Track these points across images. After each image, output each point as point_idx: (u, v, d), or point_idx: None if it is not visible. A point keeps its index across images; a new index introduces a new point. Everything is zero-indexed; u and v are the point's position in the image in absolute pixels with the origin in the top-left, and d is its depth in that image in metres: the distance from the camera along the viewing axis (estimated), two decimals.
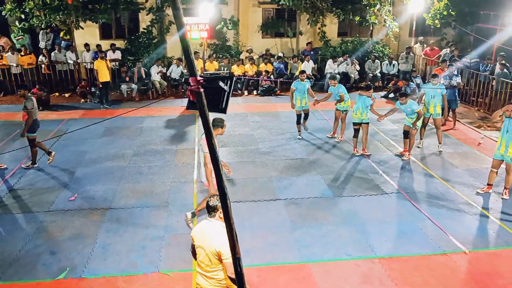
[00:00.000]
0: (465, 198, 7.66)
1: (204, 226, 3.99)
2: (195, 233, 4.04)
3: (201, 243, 3.92)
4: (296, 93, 10.37)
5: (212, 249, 3.80)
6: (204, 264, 3.92)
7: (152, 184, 8.25)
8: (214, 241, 3.79)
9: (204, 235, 3.92)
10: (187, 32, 2.59)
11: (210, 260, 3.87)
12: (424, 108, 9.78)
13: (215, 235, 3.81)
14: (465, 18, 16.40)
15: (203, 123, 2.62)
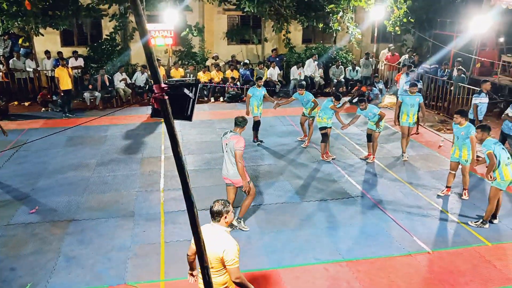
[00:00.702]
0: (428, 199, 7.89)
1: (207, 230, 3.94)
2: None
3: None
4: (253, 99, 10.40)
5: (215, 253, 3.77)
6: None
7: (118, 194, 8.08)
8: (218, 246, 3.77)
9: (207, 240, 3.86)
10: (150, 39, 2.56)
11: (211, 263, 3.82)
12: (403, 117, 9.58)
13: (219, 240, 3.81)
14: (423, 25, 17.02)
15: (168, 131, 2.59)
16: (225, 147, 6.48)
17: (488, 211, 6.85)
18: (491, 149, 6.54)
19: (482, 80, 10.06)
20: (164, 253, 6.19)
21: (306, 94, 10.40)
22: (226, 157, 6.48)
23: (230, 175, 6.48)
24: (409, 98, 9.48)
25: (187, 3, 16.02)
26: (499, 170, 6.56)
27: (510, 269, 5.86)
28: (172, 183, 8.43)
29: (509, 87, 12.77)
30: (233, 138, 6.33)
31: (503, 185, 6.65)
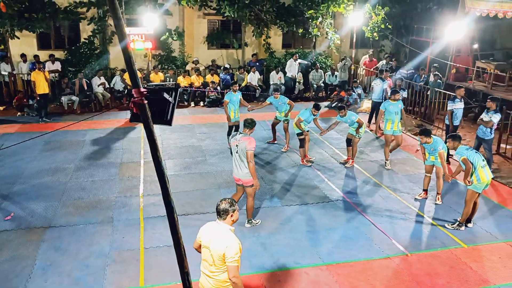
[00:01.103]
0: (406, 203, 8.02)
1: (212, 227, 4.03)
2: (203, 232, 4.07)
3: (207, 244, 3.95)
4: (230, 105, 10.38)
5: (217, 250, 3.84)
6: (208, 264, 3.96)
7: (96, 199, 7.96)
8: (221, 243, 3.83)
9: (211, 236, 3.94)
10: (129, 43, 2.55)
11: (214, 261, 3.90)
12: (388, 125, 9.58)
13: (222, 237, 3.87)
14: (400, 31, 17.35)
15: (148, 136, 2.57)
16: (235, 148, 6.67)
17: (464, 214, 6.99)
18: (464, 155, 6.71)
19: (456, 86, 10.28)
20: (143, 259, 6.11)
21: (281, 98, 10.50)
22: (237, 158, 6.66)
23: (241, 175, 6.67)
24: (392, 106, 9.53)
25: (167, 7, 15.96)
26: (475, 173, 6.72)
27: (485, 271, 5.99)
28: (151, 188, 8.35)
29: (483, 92, 13.09)
30: (245, 139, 6.58)
31: (479, 188, 6.80)
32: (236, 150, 6.67)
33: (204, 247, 3.98)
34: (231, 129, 10.63)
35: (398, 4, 16.98)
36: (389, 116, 9.58)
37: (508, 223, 7.34)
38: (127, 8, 14.97)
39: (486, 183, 6.80)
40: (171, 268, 5.59)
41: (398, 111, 9.56)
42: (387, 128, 9.64)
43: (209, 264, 3.94)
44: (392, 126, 9.58)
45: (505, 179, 9.11)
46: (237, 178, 6.81)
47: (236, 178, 6.84)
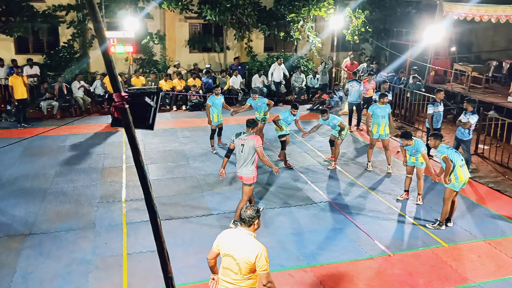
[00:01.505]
0: (388, 204, 8.12)
1: (235, 234, 3.96)
2: (223, 241, 3.98)
3: (231, 252, 3.86)
4: (213, 108, 10.41)
5: (245, 258, 3.78)
6: (232, 272, 3.87)
7: (77, 205, 7.85)
8: (250, 251, 3.78)
9: (236, 244, 3.87)
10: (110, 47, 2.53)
11: (240, 269, 3.82)
12: (374, 128, 9.54)
13: (250, 245, 3.82)
14: (380, 34, 17.59)
15: (129, 140, 2.56)
16: (241, 147, 6.79)
17: (443, 213, 7.13)
18: (445, 153, 6.85)
19: (436, 90, 10.43)
20: (126, 265, 6.05)
21: (260, 99, 10.60)
22: (242, 158, 6.79)
23: (244, 173, 6.82)
24: (379, 110, 9.44)
25: (148, 10, 15.87)
26: (454, 172, 6.86)
27: (465, 269, 6.11)
28: (134, 193, 8.28)
29: (461, 94, 13.37)
30: (252, 138, 6.76)
31: (457, 186, 6.94)
32: (241, 150, 6.78)
33: (227, 256, 3.88)
34: (213, 132, 10.66)
35: (378, 8, 17.23)
36: (375, 120, 9.49)
37: (487, 222, 7.50)
38: (107, 12, 14.83)
39: (464, 181, 6.95)
40: (155, 273, 5.54)
41: (385, 115, 9.45)
42: (373, 132, 9.56)
43: (234, 273, 3.85)
44: (378, 130, 9.49)
45: (483, 179, 9.31)
46: (240, 176, 6.93)
47: (240, 176, 6.96)
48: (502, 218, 7.63)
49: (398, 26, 17.34)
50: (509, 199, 8.37)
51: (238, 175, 6.99)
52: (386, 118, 9.48)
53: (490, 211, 7.91)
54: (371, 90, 13.11)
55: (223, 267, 3.95)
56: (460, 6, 12.77)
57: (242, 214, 3.94)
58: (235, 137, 6.99)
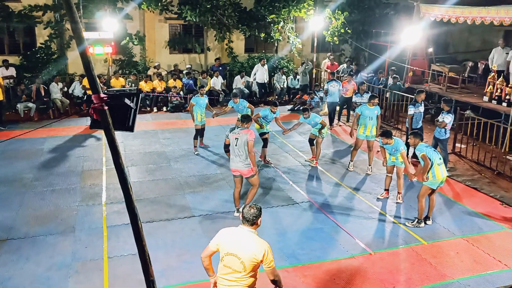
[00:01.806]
0: (368, 203, 8.22)
1: (237, 233, 3.97)
2: (224, 240, 3.97)
3: (234, 251, 3.87)
4: (196, 107, 10.41)
5: (251, 256, 3.82)
6: (235, 271, 3.88)
7: (57, 209, 7.71)
8: (256, 249, 3.83)
9: (239, 243, 3.89)
10: (88, 48, 2.51)
11: (245, 267, 3.85)
12: (361, 129, 9.54)
13: (255, 243, 3.88)
14: (360, 35, 17.80)
15: (109, 143, 2.53)
16: (235, 141, 7.05)
17: (420, 210, 7.25)
18: (424, 151, 6.99)
19: (418, 91, 10.57)
20: (107, 269, 5.97)
21: (241, 102, 10.59)
22: (236, 151, 7.05)
23: (240, 166, 7.08)
24: (368, 111, 9.41)
25: (127, 11, 15.71)
26: (431, 170, 7.00)
27: (444, 266, 6.23)
28: (115, 196, 8.18)
29: (439, 95, 13.62)
30: (245, 132, 7.06)
31: (434, 184, 7.07)
32: (235, 143, 7.03)
33: (230, 255, 3.88)
34: (198, 132, 10.60)
35: (357, 10, 17.42)
36: (363, 121, 9.47)
37: (464, 219, 7.67)
38: (85, 12, 14.63)
39: (441, 180, 7.09)
40: (136, 276, 5.49)
41: (373, 117, 9.43)
42: (359, 132, 9.56)
43: (237, 271, 3.87)
44: (365, 131, 9.49)
45: (460, 177, 9.51)
46: (235, 169, 7.16)
47: (234, 170, 7.19)
48: (478, 215, 7.80)
49: (376, 27, 17.57)
50: (485, 197, 8.57)
51: (236, 170, 7.19)
52: (374, 120, 9.47)
53: (467, 208, 8.08)
54: (350, 91, 13.29)
55: (224, 265, 3.95)
56: (436, 7, 13.01)
57: (245, 213, 3.95)
58: (229, 132, 7.26)
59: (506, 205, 8.17)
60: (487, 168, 9.92)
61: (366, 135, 9.55)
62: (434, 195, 7.31)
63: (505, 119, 10.77)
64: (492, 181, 9.30)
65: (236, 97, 10.71)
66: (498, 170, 9.68)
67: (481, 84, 14.15)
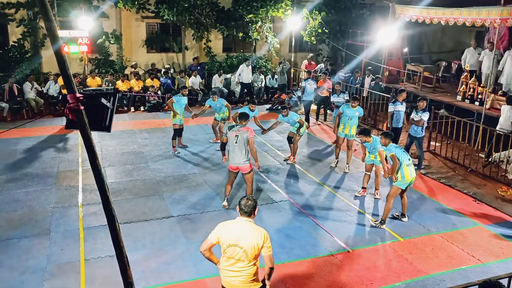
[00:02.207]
0: (346, 201, 8.32)
1: (236, 225, 4.14)
2: (225, 232, 4.10)
3: (237, 242, 4.03)
4: (176, 105, 10.30)
5: (253, 244, 4.01)
6: (239, 261, 4.04)
7: (31, 211, 7.54)
8: (256, 237, 4.03)
9: (240, 234, 4.06)
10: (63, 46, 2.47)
11: (247, 256, 4.02)
12: (340, 127, 9.72)
13: (254, 231, 4.08)
14: (337, 35, 17.98)
15: (85, 143, 2.50)
16: (235, 138, 7.24)
17: (386, 210, 7.27)
18: (393, 151, 7.08)
19: (399, 90, 10.74)
20: (84, 271, 5.88)
21: (219, 100, 10.64)
22: (237, 148, 7.24)
23: (241, 163, 7.29)
24: (349, 111, 9.57)
25: (103, 9, 15.47)
26: (400, 171, 7.06)
27: (419, 261, 6.36)
28: (91, 197, 8.05)
29: (414, 94, 13.88)
30: (245, 129, 7.30)
31: (403, 185, 7.15)
32: (235, 141, 7.21)
33: (232, 246, 4.04)
34: (176, 132, 10.55)
35: (334, 10, 17.59)
36: (343, 119, 9.64)
37: (439, 215, 7.84)
38: (60, 10, 14.36)
39: (410, 180, 7.13)
40: (114, 279, 5.41)
41: (352, 117, 9.58)
42: (340, 131, 9.74)
43: (240, 261, 4.04)
44: (344, 129, 9.67)
45: (435, 175, 9.72)
46: (235, 166, 7.35)
47: (234, 167, 7.38)
48: (453, 212, 7.99)
49: (353, 28, 17.78)
50: (459, 193, 8.78)
51: (234, 167, 7.37)
52: (354, 120, 9.62)
53: (442, 205, 8.26)
54: (326, 90, 13.46)
55: (227, 257, 4.09)
56: (411, 8, 13.25)
57: (243, 205, 4.13)
58: (228, 129, 7.40)
59: (479, 202, 8.39)
60: (460, 165, 10.17)
61: (345, 133, 9.72)
62: (405, 193, 7.38)
63: (478, 118, 11.06)
64: (465, 178, 9.54)
65: (214, 95, 10.70)
66: (470, 167, 9.94)
67: (454, 84, 14.50)
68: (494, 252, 6.65)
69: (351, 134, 9.70)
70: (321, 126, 13.61)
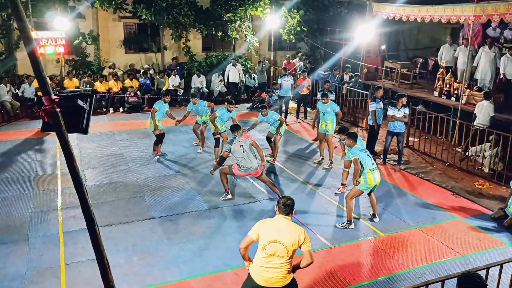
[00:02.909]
0: (327, 197, 8.38)
1: (277, 222, 4.31)
2: (265, 230, 4.25)
3: (278, 238, 4.17)
4: (158, 113, 10.03)
5: (294, 240, 4.17)
6: (279, 257, 4.18)
7: (8, 217, 7.37)
8: (296, 233, 4.21)
9: (281, 231, 4.22)
10: (36, 47, 2.42)
11: (288, 252, 4.18)
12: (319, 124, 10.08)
13: (293, 227, 4.26)
14: (315, 33, 18.10)
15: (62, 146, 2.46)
16: (241, 149, 7.57)
17: (348, 210, 7.21)
18: (357, 155, 7.02)
19: (376, 87, 10.86)
20: (64, 276, 5.78)
21: (200, 102, 10.47)
22: (246, 156, 7.59)
23: (254, 167, 7.66)
24: (321, 107, 9.93)
25: (79, 10, 15.21)
26: (364, 175, 7.04)
27: (400, 255, 6.45)
28: (71, 201, 7.91)
29: (392, 90, 14.07)
30: (245, 137, 7.69)
31: (366, 189, 7.14)
32: (242, 150, 7.55)
33: (273, 242, 4.17)
34: (159, 137, 10.23)
35: (312, 8, 17.69)
36: (319, 116, 10.02)
37: (419, 210, 7.97)
38: (34, 11, 14.06)
39: (374, 185, 7.09)
40: (96, 283, 5.33)
41: (325, 112, 9.83)
42: (319, 127, 10.10)
43: (280, 257, 4.17)
44: (321, 125, 10.01)
45: (414, 170, 9.88)
46: (247, 173, 7.73)
47: (246, 174, 7.79)
48: (432, 206, 8.14)
49: (331, 26, 17.92)
50: (437, 188, 8.95)
51: (250, 173, 7.75)
52: (326, 115, 9.82)
53: (421, 199, 8.41)
54: (305, 88, 13.56)
55: (268, 254, 4.19)
56: (388, 6, 13.42)
57: (283, 205, 4.34)
58: (230, 144, 7.67)
59: (457, 195, 8.57)
60: (439, 160, 10.36)
61: (322, 128, 9.98)
62: (372, 193, 7.34)
63: (454, 113, 11.28)
64: (443, 172, 9.73)
65: (194, 98, 10.55)
66: (448, 161, 10.13)
67: (431, 80, 14.76)
68: (472, 244, 6.80)
69: (327, 129, 9.89)
70: (301, 124, 13.68)
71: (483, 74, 11.99)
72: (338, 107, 10.11)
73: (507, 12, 9.60)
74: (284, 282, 4.25)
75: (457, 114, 10.92)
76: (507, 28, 12.69)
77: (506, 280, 4.97)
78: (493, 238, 7.02)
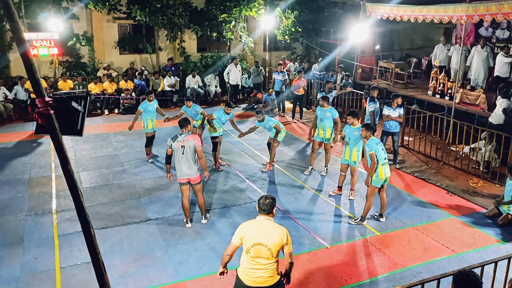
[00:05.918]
0: (324, 198, 8.39)
1: (258, 224, 4.27)
2: (250, 233, 4.21)
3: (260, 240, 4.16)
4: (145, 114, 9.82)
5: (277, 241, 4.16)
6: (263, 258, 4.18)
7: (2, 220, 7.33)
8: (279, 234, 4.18)
9: (264, 233, 4.20)
10: (29, 49, 2.40)
11: (272, 253, 4.17)
12: (316, 131, 9.31)
13: (276, 229, 4.23)
14: (310, 34, 18.13)
15: (56, 148, 2.44)
16: (181, 149, 6.73)
17: (366, 208, 7.30)
18: (373, 149, 6.98)
19: (372, 87, 10.87)
20: (60, 280, 5.75)
21: (194, 107, 10.06)
22: (184, 159, 6.74)
23: (191, 174, 6.81)
24: (320, 112, 9.20)
25: (73, 11, 15.15)
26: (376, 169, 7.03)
27: (396, 254, 6.47)
28: (66, 203, 7.87)
29: (387, 90, 14.11)
30: (190, 138, 6.76)
31: (378, 183, 7.14)
32: (182, 151, 6.73)
33: (257, 245, 4.16)
34: (149, 139, 10.13)
35: (307, 9, 17.73)
36: (317, 122, 9.25)
37: (414, 209, 7.99)
38: (28, 12, 13.99)
39: (385, 178, 7.12)
40: (92, 285, 5.31)
41: (323, 118, 9.12)
42: (315, 134, 9.38)
43: (265, 258, 4.17)
44: (319, 133, 9.26)
45: (409, 169, 9.91)
46: (184, 178, 6.85)
47: (183, 179, 6.87)
48: (427, 205, 8.16)
49: (326, 26, 17.96)
50: (432, 187, 8.98)
51: (184, 179, 6.87)
52: (325, 122, 9.11)
53: (417, 198, 8.43)
54: (301, 88, 13.58)
55: (253, 257, 4.20)
56: (382, 6, 13.46)
57: (262, 204, 4.27)
58: (172, 141, 6.82)
59: (452, 194, 8.60)
60: (433, 159, 10.40)
61: (320, 137, 9.28)
62: (383, 192, 7.35)
63: (448, 112, 11.33)
64: (438, 171, 9.76)
65: (189, 101, 10.18)
66: (443, 160, 10.17)
67: (425, 79, 14.81)
68: (467, 242, 6.83)
69: (326, 138, 9.26)
70: (297, 124, 13.69)
71: (476, 73, 12.07)
72: (337, 113, 9.35)
73: (498, 12, 9.65)
74: (272, 281, 4.26)
75: (451, 113, 10.96)
76: (499, 27, 12.77)
77: (500, 278, 4.99)
78: (487, 236, 7.06)
